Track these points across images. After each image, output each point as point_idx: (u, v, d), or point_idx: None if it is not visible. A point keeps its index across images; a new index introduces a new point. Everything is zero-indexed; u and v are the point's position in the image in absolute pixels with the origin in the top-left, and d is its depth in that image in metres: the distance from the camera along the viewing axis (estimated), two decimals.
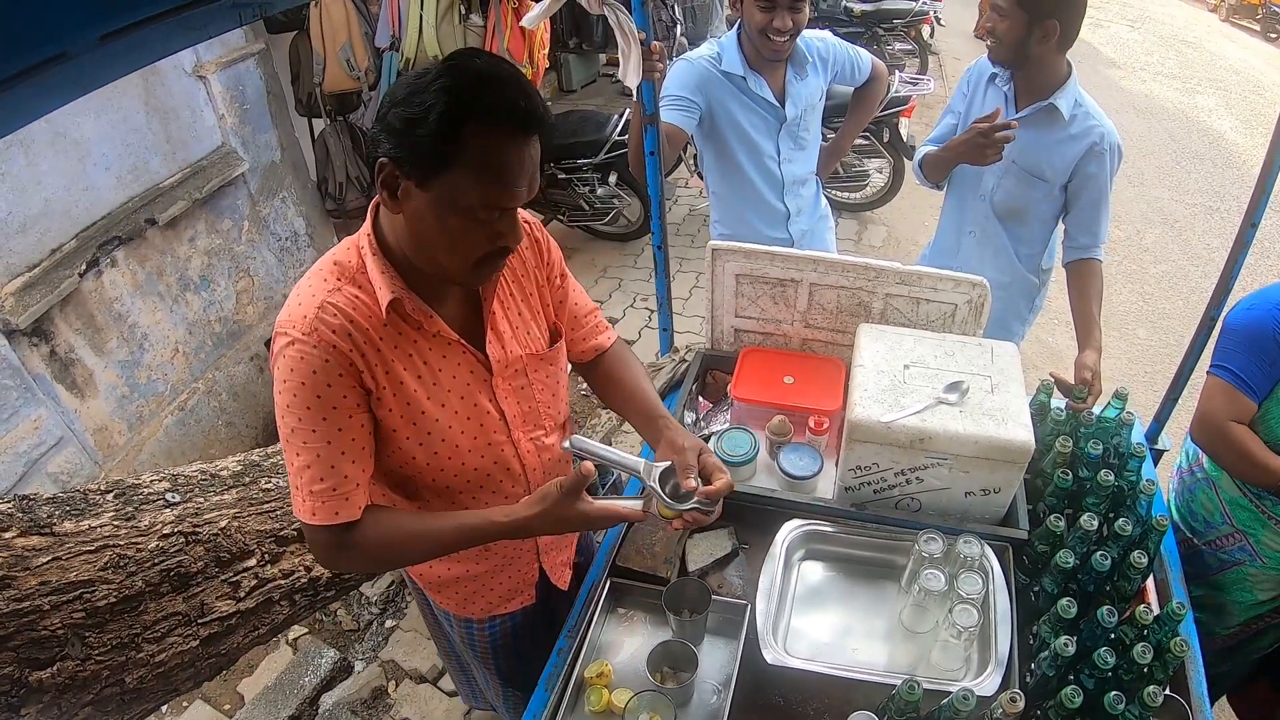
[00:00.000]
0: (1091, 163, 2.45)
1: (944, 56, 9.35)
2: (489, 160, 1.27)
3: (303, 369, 1.34)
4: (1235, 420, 1.99)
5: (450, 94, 1.23)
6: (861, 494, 1.97)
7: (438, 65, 1.28)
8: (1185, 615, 1.55)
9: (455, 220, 1.31)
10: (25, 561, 1.90)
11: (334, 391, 1.36)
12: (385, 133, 1.27)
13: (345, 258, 1.42)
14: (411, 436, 1.49)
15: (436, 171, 1.27)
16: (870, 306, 2.26)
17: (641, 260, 5.82)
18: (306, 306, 1.36)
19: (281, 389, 1.37)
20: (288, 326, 1.36)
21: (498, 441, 1.60)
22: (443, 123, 1.23)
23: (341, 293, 1.38)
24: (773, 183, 2.85)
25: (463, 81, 1.24)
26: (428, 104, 1.23)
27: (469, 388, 1.53)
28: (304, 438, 1.38)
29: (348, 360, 1.36)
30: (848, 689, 1.65)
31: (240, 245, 4.40)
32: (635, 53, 2.09)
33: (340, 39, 4.43)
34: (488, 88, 1.25)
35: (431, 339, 1.47)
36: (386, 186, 1.31)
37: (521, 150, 1.30)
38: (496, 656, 1.99)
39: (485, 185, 1.28)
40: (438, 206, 1.30)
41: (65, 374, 3.43)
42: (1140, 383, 4.56)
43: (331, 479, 1.40)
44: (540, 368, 1.66)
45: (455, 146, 1.25)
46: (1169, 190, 6.88)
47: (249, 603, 2.22)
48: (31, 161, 3.21)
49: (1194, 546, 2.27)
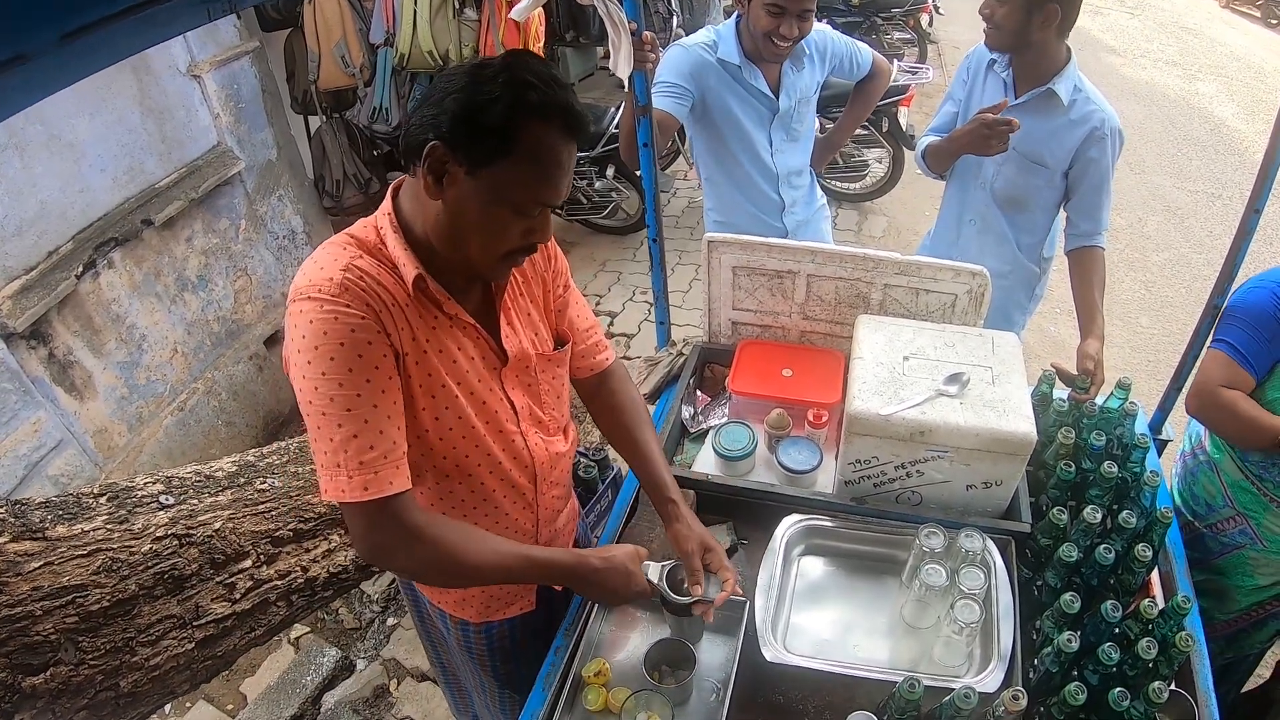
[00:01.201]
0: (1092, 147, 2.43)
1: (943, 45, 9.29)
2: (542, 155, 1.31)
3: (339, 329, 1.28)
4: (1230, 387, 1.98)
5: (517, 88, 1.26)
6: (861, 488, 1.95)
7: (500, 60, 1.31)
8: (1191, 609, 1.53)
9: (498, 211, 1.34)
10: (17, 567, 1.89)
11: (374, 350, 1.31)
12: (443, 116, 1.28)
13: (362, 234, 1.42)
14: (428, 408, 1.45)
15: (490, 160, 1.29)
16: (869, 297, 2.24)
17: (640, 253, 5.80)
18: (331, 269, 1.32)
19: (314, 356, 1.28)
20: (312, 290, 1.29)
21: (509, 430, 1.59)
22: (507, 114, 1.26)
23: (364, 259, 1.36)
24: (766, 173, 2.83)
25: (528, 78, 1.27)
26: (494, 95, 1.26)
27: (483, 372, 1.53)
28: (347, 404, 1.30)
29: (379, 322, 1.32)
30: (849, 687, 1.64)
31: (238, 244, 4.38)
32: (625, 43, 2.07)
33: (335, 36, 4.41)
34: (547, 86, 1.29)
35: (450, 319, 1.46)
36: (433, 171, 1.31)
37: (568, 150, 1.34)
38: (494, 659, 1.97)
39: (533, 180, 1.32)
40: (483, 195, 1.32)
41: (64, 376, 3.42)
42: (1144, 371, 4.53)
43: (382, 445, 1.33)
44: (547, 368, 1.67)
45: (514, 138, 1.27)
46: (1171, 177, 6.84)
47: (245, 604, 2.20)
48: (26, 164, 3.20)
49: (1195, 530, 2.25)
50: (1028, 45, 2.38)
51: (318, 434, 1.33)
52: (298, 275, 1.35)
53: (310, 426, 1.34)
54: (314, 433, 1.34)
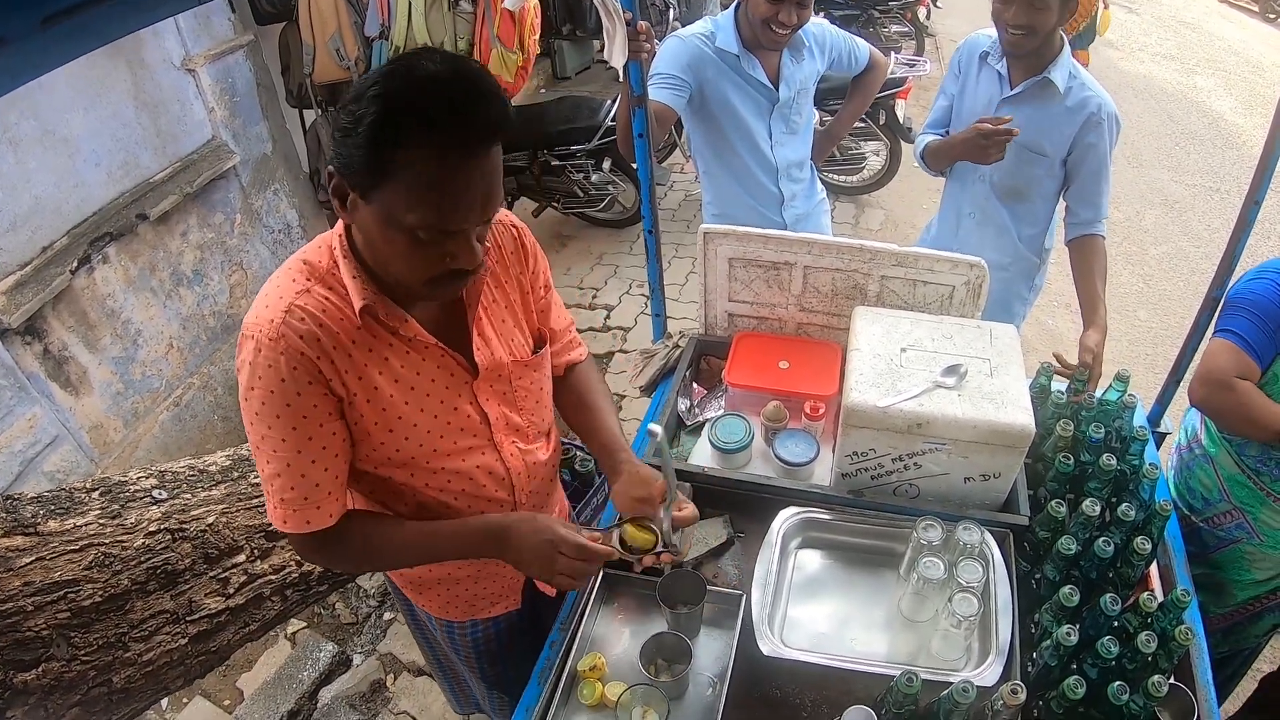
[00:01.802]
0: (1090, 133, 2.42)
1: (940, 38, 9.27)
2: (426, 180, 1.15)
3: (270, 377, 1.28)
4: (1239, 377, 1.95)
5: (383, 101, 1.12)
6: (859, 480, 1.94)
7: (383, 66, 1.17)
8: (1190, 602, 1.53)
9: (399, 238, 1.21)
10: (8, 562, 1.88)
11: (303, 400, 1.30)
12: (333, 138, 1.19)
13: (316, 257, 1.35)
14: (388, 441, 1.43)
15: (374, 185, 1.17)
16: (866, 289, 2.23)
17: (637, 246, 5.78)
18: (274, 309, 1.28)
19: (248, 395, 1.30)
20: (254, 330, 1.29)
21: (478, 445, 1.54)
22: (373, 134, 1.12)
23: (311, 294, 1.31)
24: (766, 166, 2.82)
25: (401, 87, 1.13)
26: (359, 113, 1.12)
27: (448, 391, 1.46)
28: (273, 446, 1.33)
29: (315, 368, 1.30)
30: (846, 680, 1.63)
31: (233, 239, 4.37)
32: (620, 32, 2.06)
33: (329, 29, 4.38)
34: (429, 95, 1.13)
35: (408, 342, 1.40)
36: (336, 195, 1.24)
37: (467, 169, 1.17)
38: (480, 660, 1.95)
39: (425, 207, 1.17)
40: (381, 222, 1.21)
41: (59, 372, 3.40)
42: (1141, 365, 4.52)
43: (302, 488, 1.36)
44: (525, 374, 1.60)
45: (387, 162, 1.14)
46: (1168, 171, 6.83)
47: (238, 599, 2.19)
48: (20, 159, 3.19)
49: (1192, 524, 2.24)
50: (1049, 42, 2.37)
51: (255, 460, 1.40)
52: (254, 301, 1.33)
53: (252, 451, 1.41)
54: (254, 458, 1.40)
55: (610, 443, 1.72)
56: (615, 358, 4.78)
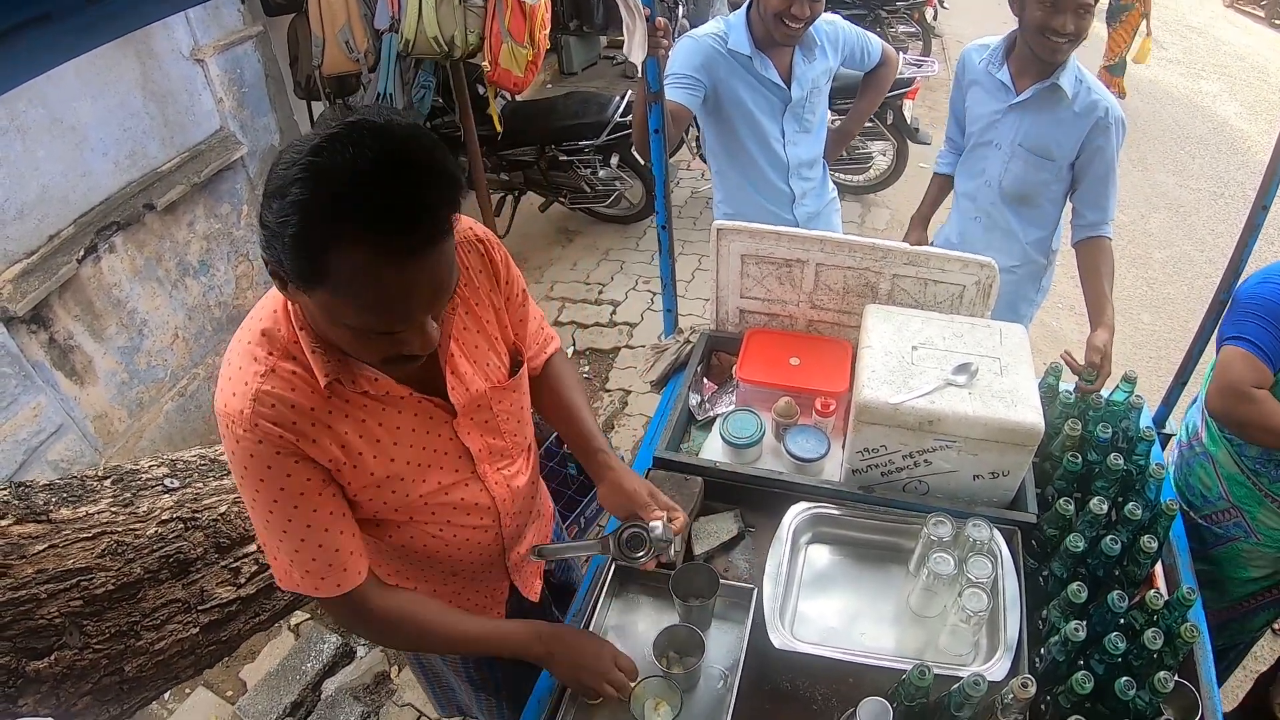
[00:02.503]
0: (1098, 136, 2.43)
1: (947, 39, 9.28)
2: (362, 286, 1.06)
3: (257, 466, 1.25)
4: (1257, 387, 1.96)
5: (303, 209, 1.01)
6: (869, 477, 1.95)
7: (305, 153, 1.03)
8: (1195, 601, 1.54)
9: (344, 333, 1.15)
10: (21, 549, 1.88)
11: (295, 480, 1.28)
12: (260, 227, 1.09)
13: (273, 325, 1.27)
14: (375, 497, 1.41)
15: (309, 287, 1.09)
16: (877, 287, 2.23)
17: (643, 242, 5.80)
18: (241, 399, 1.23)
19: (242, 479, 1.28)
20: (227, 420, 1.24)
21: (461, 479, 1.52)
22: (298, 244, 1.03)
23: (276, 374, 1.24)
24: (777, 165, 2.82)
25: (322, 189, 1.01)
26: (282, 217, 1.02)
27: (428, 435, 1.43)
28: (281, 526, 1.31)
29: (297, 449, 1.26)
30: (856, 674, 1.64)
31: (239, 229, 4.38)
32: (640, 28, 2.06)
33: (339, 21, 4.38)
34: (355, 195, 1.01)
35: (382, 399, 1.35)
36: (275, 278, 1.14)
37: (407, 271, 1.07)
38: (465, 665, 1.95)
39: (364, 310, 1.10)
40: (323, 314, 1.14)
41: (64, 361, 3.41)
42: (1145, 368, 4.53)
43: (324, 557, 1.34)
44: (504, 398, 1.55)
45: (319, 270, 1.05)
46: (1173, 175, 6.84)
47: (250, 589, 2.20)
48: (28, 148, 3.19)
49: (1190, 521, 2.25)
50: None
51: (265, 539, 1.37)
52: (218, 384, 1.28)
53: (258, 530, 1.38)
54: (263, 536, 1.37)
55: (587, 446, 1.73)
56: (621, 353, 4.78)
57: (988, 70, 2.57)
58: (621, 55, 8.25)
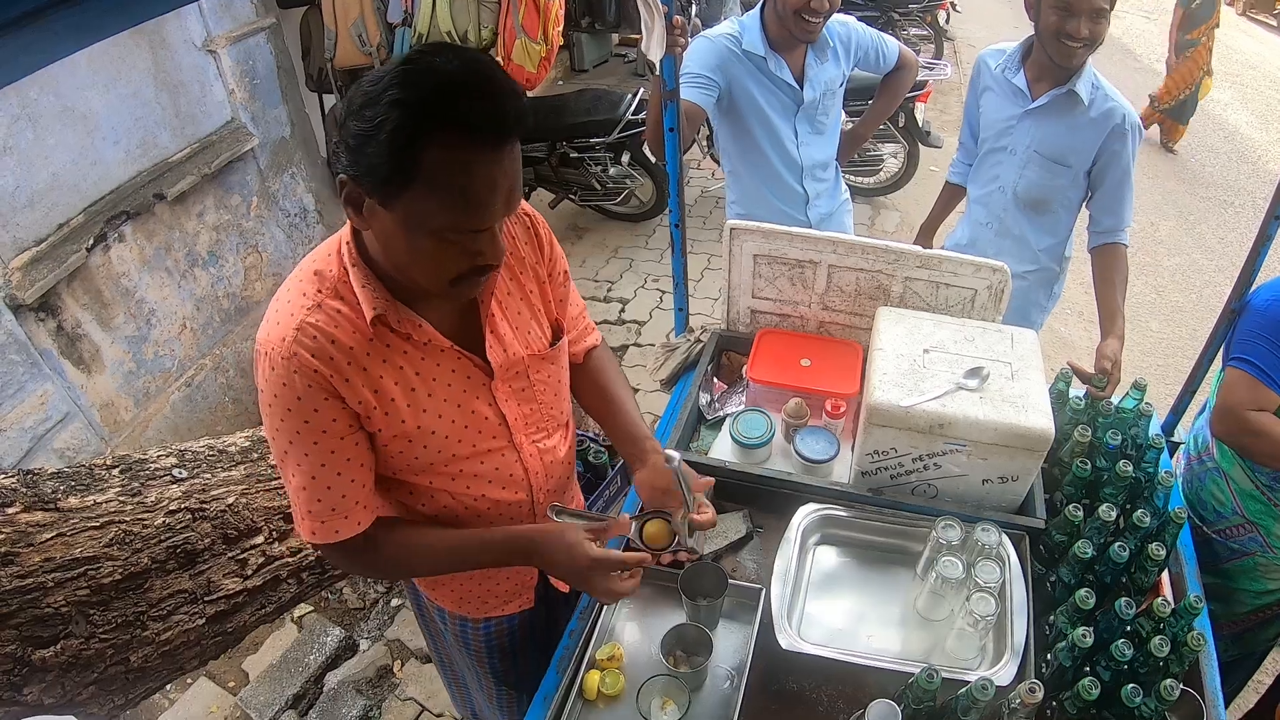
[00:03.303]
0: (1115, 142, 2.42)
1: (959, 43, 9.27)
2: (452, 180, 1.14)
3: (287, 395, 1.28)
4: (1259, 410, 1.95)
5: (403, 106, 1.09)
6: (878, 479, 1.95)
7: (393, 68, 1.13)
8: (1202, 610, 1.54)
9: (425, 242, 1.20)
10: (29, 537, 1.88)
11: (321, 416, 1.30)
12: (342, 146, 1.16)
13: (326, 266, 1.32)
14: (405, 450, 1.42)
15: (397, 192, 1.15)
16: (889, 290, 2.23)
17: (653, 241, 5.80)
18: (285, 327, 1.27)
19: (267, 411, 1.31)
20: (267, 348, 1.28)
21: (497, 447, 1.53)
22: (395, 140, 1.10)
23: (322, 309, 1.29)
24: (791, 165, 2.82)
25: (418, 90, 1.10)
26: (378, 119, 1.10)
27: (465, 394, 1.45)
28: (296, 460, 1.34)
29: (330, 385, 1.29)
30: (862, 676, 1.64)
31: (249, 221, 4.38)
32: (659, 26, 2.06)
33: (352, 14, 4.39)
34: (448, 96, 1.11)
35: (423, 347, 1.38)
36: (351, 204, 1.21)
37: (491, 165, 1.16)
38: (491, 656, 1.95)
39: (452, 207, 1.17)
40: (404, 227, 1.19)
41: (72, 349, 3.41)
42: (1153, 375, 4.50)
43: (328, 500, 1.37)
44: (542, 368, 1.57)
45: (412, 166, 1.12)
46: (1183, 183, 6.82)
47: (256, 580, 2.20)
48: (39, 135, 3.19)
49: (1203, 534, 2.24)
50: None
51: (280, 473, 1.42)
52: (266, 313, 1.33)
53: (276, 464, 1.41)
54: (279, 470, 1.42)
55: (633, 431, 1.72)
56: (630, 351, 4.78)
57: (1004, 75, 2.56)
58: (633, 53, 8.28)
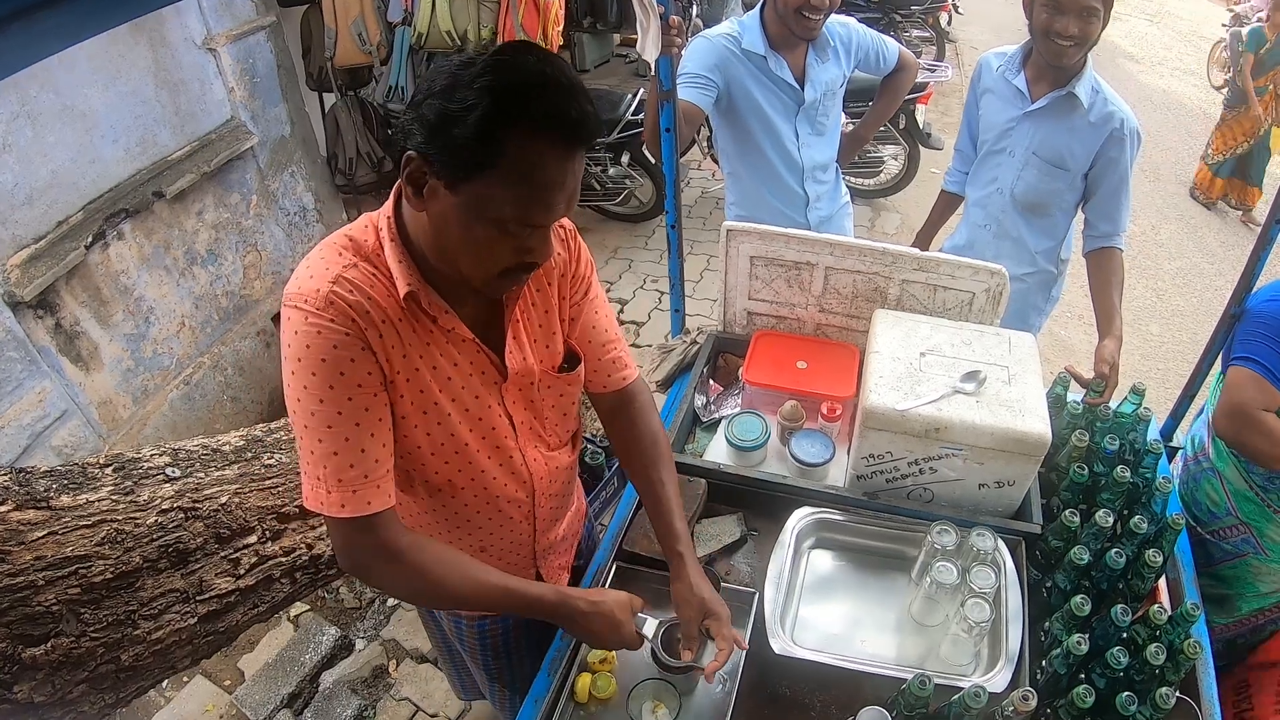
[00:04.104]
0: (1113, 148, 2.41)
1: (961, 44, 9.27)
2: (528, 172, 1.16)
3: (321, 345, 1.24)
4: (1265, 410, 1.94)
5: (494, 94, 1.11)
6: (874, 483, 1.94)
7: (485, 57, 1.15)
8: (1199, 617, 1.53)
9: (482, 230, 1.21)
10: (20, 536, 1.87)
11: (357, 368, 1.27)
12: (418, 124, 1.16)
13: (362, 236, 1.32)
14: (420, 425, 1.40)
15: (469, 176, 1.16)
16: (886, 292, 2.22)
17: (652, 241, 5.80)
18: (319, 280, 1.25)
19: (297, 368, 1.26)
20: (299, 300, 1.25)
21: (506, 446, 1.53)
22: (483, 126, 1.11)
23: (357, 269, 1.28)
24: (792, 167, 2.81)
25: (510, 81, 1.12)
26: (468, 102, 1.11)
27: (480, 388, 1.44)
28: (327, 420, 1.27)
29: (365, 337, 1.27)
30: (855, 681, 1.64)
31: (248, 220, 4.37)
32: (654, 26, 2.05)
33: (353, 13, 4.39)
34: (537, 91, 1.13)
35: (447, 334, 1.37)
36: (413, 182, 1.21)
37: (565, 164, 1.18)
38: (485, 654, 1.94)
39: (520, 199, 1.18)
40: (465, 213, 1.19)
41: (70, 347, 3.41)
42: (1153, 379, 4.51)
43: (363, 465, 1.30)
44: (553, 385, 1.57)
45: (493, 153, 1.13)
46: (1185, 186, 6.81)
47: (249, 580, 2.19)
48: (38, 133, 3.19)
49: (1197, 536, 2.23)
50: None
51: (300, 443, 1.32)
52: (293, 275, 1.30)
53: (295, 431, 1.33)
54: (298, 439, 1.32)
55: (668, 535, 1.66)
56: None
57: (1004, 77, 2.55)
58: (634, 53, 8.27)
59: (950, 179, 2.95)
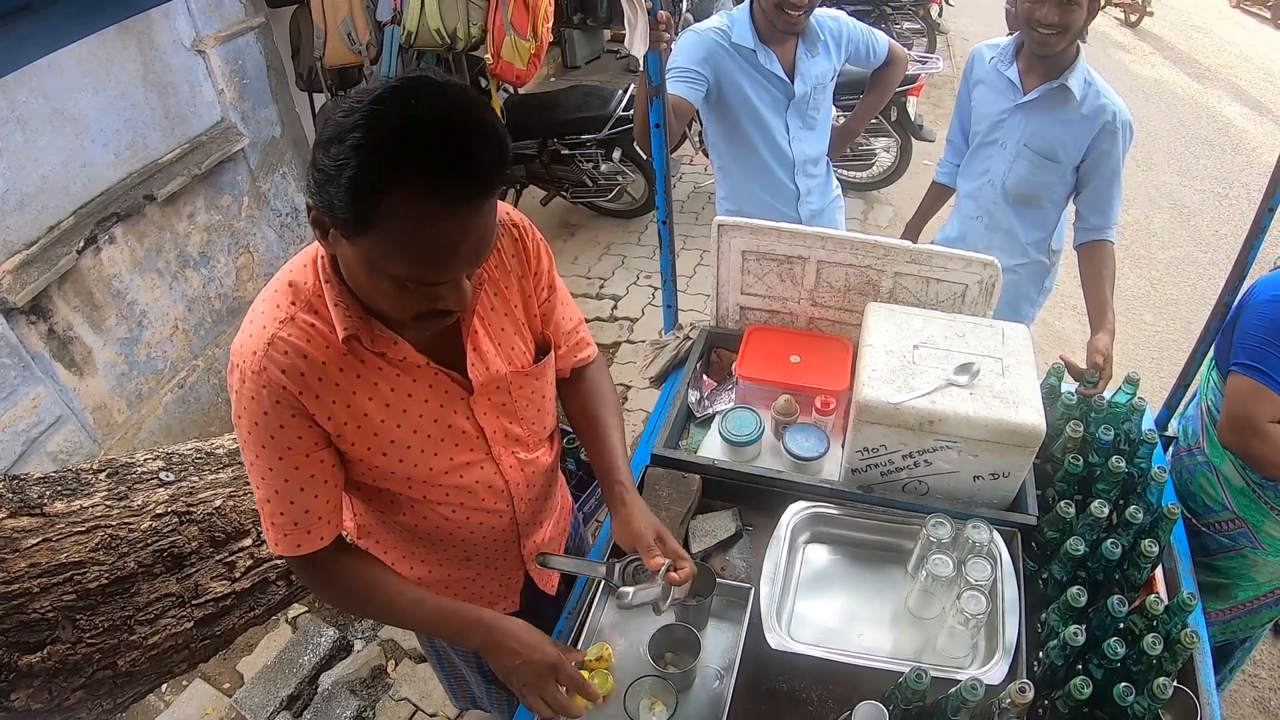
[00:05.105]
0: (1105, 140, 2.41)
1: (952, 36, 9.26)
2: (414, 233, 1.08)
3: (254, 409, 1.28)
4: (1272, 421, 1.92)
5: (364, 153, 1.02)
6: (868, 476, 1.94)
7: (365, 103, 1.05)
8: (1195, 606, 1.53)
9: (385, 283, 1.16)
10: (14, 543, 1.87)
11: (287, 433, 1.30)
12: (310, 174, 1.10)
13: (301, 278, 1.29)
14: (381, 465, 1.41)
15: (356, 233, 1.10)
16: (879, 285, 2.22)
17: (645, 237, 5.79)
18: (257, 340, 1.26)
19: (237, 422, 1.32)
20: (239, 359, 1.28)
21: (476, 460, 1.51)
22: (353, 189, 1.04)
23: (295, 323, 1.26)
24: (783, 161, 2.81)
25: (384, 135, 1.03)
26: (339, 160, 1.03)
27: (442, 409, 1.43)
28: (261, 473, 1.34)
29: (298, 402, 1.28)
30: (852, 675, 1.63)
31: (240, 221, 4.36)
32: (642, 21, 2.05)
33: (341, 12, 4.37)
34: (416, 143, 1.04)
35: (398, 364, 1.35)
36: (317, 227, 1.16)
37: (455, 220, 1.09)
38: (478, 656, 1.94)
39: (411, 259, 1.11)
40: (365, 265, 1.15)
41: (64, 352, 3.40)
42: (1147, 369, 4.51)
43: (292, 514, 1.37)
44: (525, 384, 1.55)
45: (371, 214, 1.06)
46: (1178, 175, 6.82)
47: (244, 583, 2.19)
48: (29, 138, 3.18)
49: (1192, 527, 2.23)
50: (1069, 46, 2.36)
51: (250, 476, 1.40)
52: (242, 322, 1.32)
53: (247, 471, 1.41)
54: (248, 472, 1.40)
55: (610, 469, 1.69)
56: (622, 348, 4.77)
57: (996, 68, 2.55)
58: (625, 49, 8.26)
59: (942, 170, 2.95)
